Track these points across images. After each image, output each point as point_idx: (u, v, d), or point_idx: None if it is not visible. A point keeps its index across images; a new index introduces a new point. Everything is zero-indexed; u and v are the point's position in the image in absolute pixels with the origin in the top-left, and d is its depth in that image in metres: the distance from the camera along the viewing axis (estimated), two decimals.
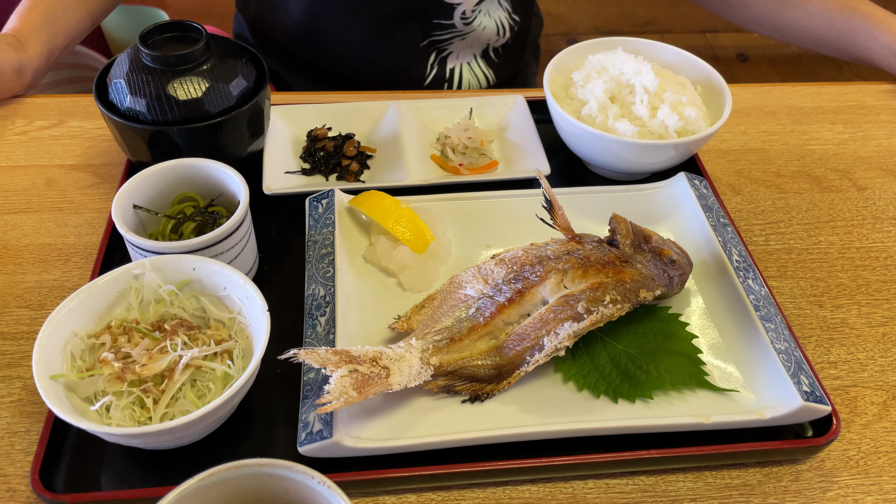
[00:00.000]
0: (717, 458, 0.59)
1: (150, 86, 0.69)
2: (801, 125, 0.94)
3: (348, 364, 0.55)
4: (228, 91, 0.71)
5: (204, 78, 0.70)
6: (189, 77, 0.69)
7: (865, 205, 0.84)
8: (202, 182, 0.69)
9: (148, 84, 0.69)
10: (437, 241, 0.71)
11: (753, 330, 0.63)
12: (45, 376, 0.53)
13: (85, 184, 0.81)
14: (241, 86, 0.72)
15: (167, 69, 0.69)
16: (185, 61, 0.69)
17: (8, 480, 0.57)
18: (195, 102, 0.69)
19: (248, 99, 0.72)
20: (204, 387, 0.57)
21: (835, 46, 1.00)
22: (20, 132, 0.87)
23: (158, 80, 0.69)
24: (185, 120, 0.69)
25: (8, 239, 0.75)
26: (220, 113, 0.70)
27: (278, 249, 0.74)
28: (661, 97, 0.79)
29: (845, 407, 0.65)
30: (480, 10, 1.01)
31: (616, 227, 0.66)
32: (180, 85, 0.69)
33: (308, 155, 0.82)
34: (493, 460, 0.56)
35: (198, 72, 0.70)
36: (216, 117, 0.70)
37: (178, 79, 0.69)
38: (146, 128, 0.69)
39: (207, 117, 0.70)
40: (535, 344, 0.60)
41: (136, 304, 0.60)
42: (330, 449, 0.55)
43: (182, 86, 0.69)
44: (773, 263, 0.77)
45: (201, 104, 0.69)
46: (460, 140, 0.83)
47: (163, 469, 0.57)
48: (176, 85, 0.69)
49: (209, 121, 0.69)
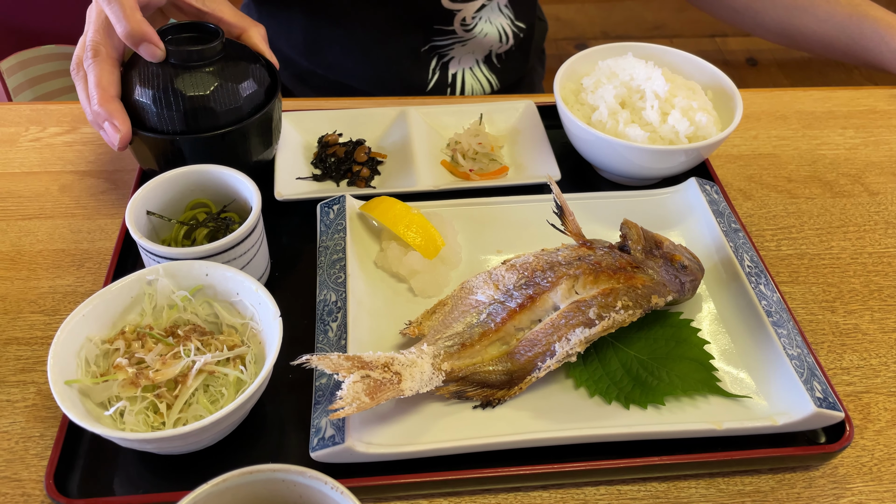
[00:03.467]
0: (730, 465, 0.59)
1: (161, 80, 0.68)
2: (812, 130, 0.94)
3: (360, 370, 0.55)
4: (241, 99, 0.70)
5: (217, 84, 0.69)
6: (201, 76, 0.68)
7: (877, 210, 0.83)
8: (215, 188, 0.69)
9: (159, 78, 0.68)
10: (447, 246, 0.71)
11: (765, 336, 0.63)
12: (60, 381, 0.54)
13: (98, 190, 0.82)
14: (255, 94, 0.71)
15: (180, 64, 0.68)
16: (199, 57, 0.68)
17: (23, 485, 0.57)
18: (207, 110, 0.68)
19: (261, 107, 0.72)
20: (217, 392, 0.57)
21: (845, 51, 0.99)
22: (34, 139, 0.88)
23: (170, 76, 0.68)
24: (197, 128, 0.69)
25: (22, 245, 0.75)
26: (232, 122, 0.70)
27: (290, 255, 0.74)
28: (671, 102, 0.79)
29: (858, 413, 0.64)
30: (481, 16, 1.01)
31: (627, 232, 0.66)
32: (192, 85, 0.68)
33: (319, 161, 0.83)
34: (504, 466, 0.56)
35: (211, 75, 0.69)
36: (228, 126, 0.70)
37: (190, 76, 0.68)
38: (157, 136, 0.69)
39: (219, 126, 0.69)
40: (547, 350, 0.60)
41: (149, 309, 0.61)
42: (342, 454, 0.55)
43: (195, 89, 0.68)
44: (784, 269, 0.76)
45: (213, 112, 0.69)
46: (470, 146, 0.83)
47: (176, 474, 0.57)
48: (188, 82, 0.68)
49: (221, 130, 0.69)
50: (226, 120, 0.70)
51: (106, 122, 0.67)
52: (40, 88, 1.58)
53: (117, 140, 0.67)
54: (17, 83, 1.52)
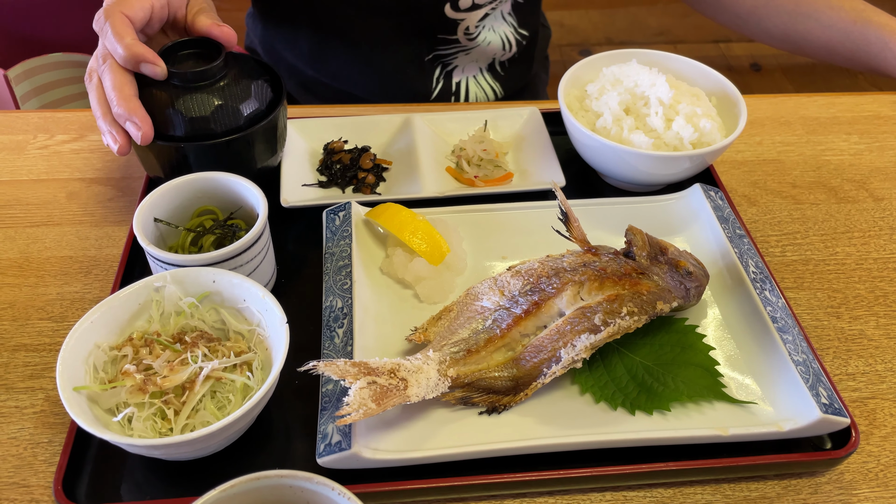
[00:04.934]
0: (736, 471, 0.59)
1: (168, 101, 0.69)
2: (816, 136, 0.94)
3: (367, 376, 0.56)
4: (246, 107, 0.71)
5: (221, 95, 0.70)
6: (207, 94, 0.70)
7: (882, 215, 0.84)
8: (221, 195, 0.69)
9: (166, 99, 0.69)
10: (453, 252, 0.71)
11: (771, 341, 0.63)
12: (69, 388, 0.54)
13: (105, 197, 0.82)
14: (259, 102, 0.72)
15: (185, 85, 0.70)
16: (203, 77, 0.70)
17: (31, 491, 0.58)
18: (212, 119, 0.69)
19: (266, 115, 0.73)
20: (224, 398, 0.57)
21: (849, 57, 0.99)
22: (42, 146, 0.88)
23: (176, 95, 0.69)
24: (203, 136, 0.70)
25: (30, 252, 0.76)
26: (237, 129, 0.71)
27: (296, 262, 0.74)
28: (675, 109, 0.79)
29: (864, 419, 0.64)
30: (484, 25, 1.01)
31: (632, 238, 0.66)
32: (198, 101, 0.69)
33: (325, 168, 0.83)
34: (510, 472, 0.57)
35: (216, 88, 0.70)
36: (233, 134, 0.70)
37: (196, 95, 0.69)
38: (164, 144, 0.69)
39: (224, 134, 0.70)
40: (552, 356, 0.61)
41: (157, 316, 0.61)
42: (348, 460, 0.55)
43: (200, 102, 0.69)
44: (789, 274, 0.76)
45: (218, 121, 0.70)
46: (475, 152, 0.84)
47: (183, 480, 0.57)
48: (194, 101, 0.69)
49: (226, 137, 0.70)
50: (231, 128, 0.70)
51: (128, 121, 0.67)
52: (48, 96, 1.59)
53: (139, 138, 0.67)
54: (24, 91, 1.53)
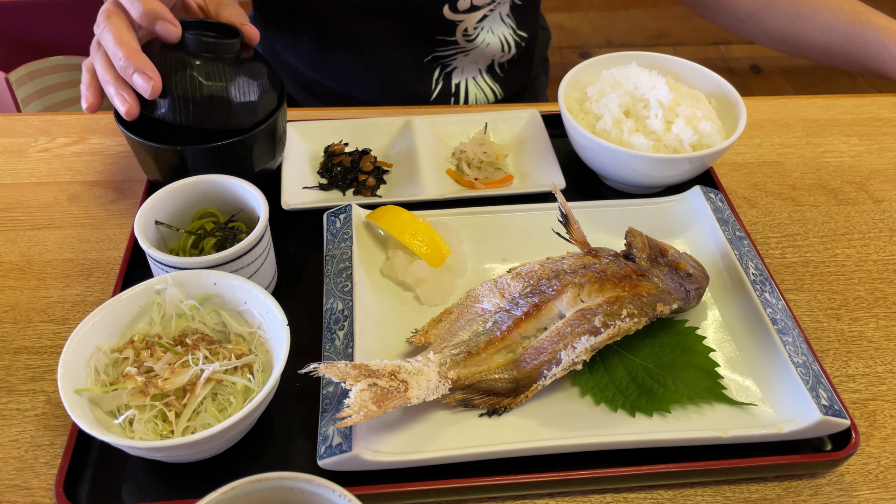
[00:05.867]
0: (736, 473, 0.59)
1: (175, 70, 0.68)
2: (816, 137, 0.94)
3: (367, 378, 0.56)
4: (246, 109, 0.71)
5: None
6: (217, 66, 0.68)
7: (882, 217, 0.84)
8: (222, 198, 0.70)
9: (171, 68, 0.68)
10: (453, 255, 0.71)
11: (771, 343, 0.63)
12: (70, 390, 0.54)
13: (106, 200, 0.82)
14: (260, 104, 0.72)
15: (197, 52, 0.68)
16: (215, 49, 0.68)
17: (32, 493, 0.58)
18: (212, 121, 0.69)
19: (266, 117, 0.73)
20: (225, 400, 0.57)
21: (848, 59, 1.00)
22: (43, 149, 0.88)
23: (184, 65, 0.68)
24: (202, 139, 0.69)
25: (32, 254, 0.76)
26: (237, 132, 0.71)
27: (297, 264, 0.74)
28: (675, 111, 0.79)
29: (864, 420, 0.64)
30: (483, 26, 1.01)
31: (632, 240, 0.66)
32: (205, 75, 0.68)
33: (325, 170, 0.83)
34: (510, 474, 0.57)
35: (225, 67, 0.69)
36: (233, 136, 0.70)
37: (206, 65, 0.68)
38: (163, 147, 0.69)
39: (224, 136, 0.70)
40: (553, 358, 0.61)
41: (158, 318, 0.61)
42: (349, 462, 0.55)
43: (208, 75, 0.68)
44: (789, 276, 0.76)
45: (218, 123, 0.69)
46: (475, 154, 0.84)
47: (184, 482, 0.58)
48: (201, 72, 0.68)
49: (226, 140, 0.70)
50: (230, 130, 0.70)
51: (135, 73, 0.66)
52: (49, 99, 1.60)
53: (149, 90, 0.66)
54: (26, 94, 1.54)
